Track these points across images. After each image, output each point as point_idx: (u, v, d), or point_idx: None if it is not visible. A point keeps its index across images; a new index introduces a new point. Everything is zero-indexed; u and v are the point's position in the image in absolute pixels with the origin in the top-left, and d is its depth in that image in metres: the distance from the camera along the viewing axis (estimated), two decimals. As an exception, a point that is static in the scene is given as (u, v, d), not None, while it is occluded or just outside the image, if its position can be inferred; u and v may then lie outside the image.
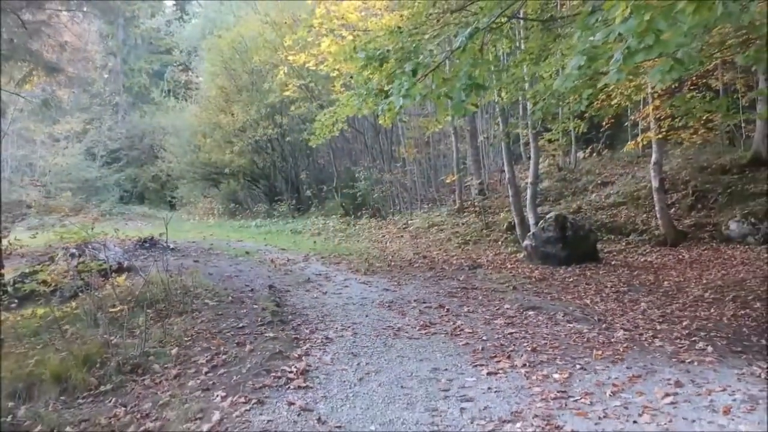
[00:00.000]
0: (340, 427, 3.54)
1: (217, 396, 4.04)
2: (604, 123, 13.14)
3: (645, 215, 11.70)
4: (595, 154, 16.66)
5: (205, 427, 3.52)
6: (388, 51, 5.09)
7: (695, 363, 4.59)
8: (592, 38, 3.04)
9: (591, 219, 11.93)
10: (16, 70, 8.63)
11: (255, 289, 7.51)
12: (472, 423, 3.62)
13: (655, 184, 10.86)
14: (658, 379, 4.23)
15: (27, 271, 7.50)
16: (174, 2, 39.01)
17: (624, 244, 11.10)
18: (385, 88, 5.40)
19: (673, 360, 4.69)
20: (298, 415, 3.68)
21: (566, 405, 3.81)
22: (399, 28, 5.68)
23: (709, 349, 5.00)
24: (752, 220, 10.62)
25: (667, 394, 3.87)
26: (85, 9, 8.75)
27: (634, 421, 3.52)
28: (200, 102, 20.80)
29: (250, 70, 17.69)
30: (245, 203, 21.22)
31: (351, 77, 9.28)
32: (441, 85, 4.29)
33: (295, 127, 18.08)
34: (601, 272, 8.93)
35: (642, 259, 9.99)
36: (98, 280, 6.72)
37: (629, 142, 12.18)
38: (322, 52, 10.58)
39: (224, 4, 23.60)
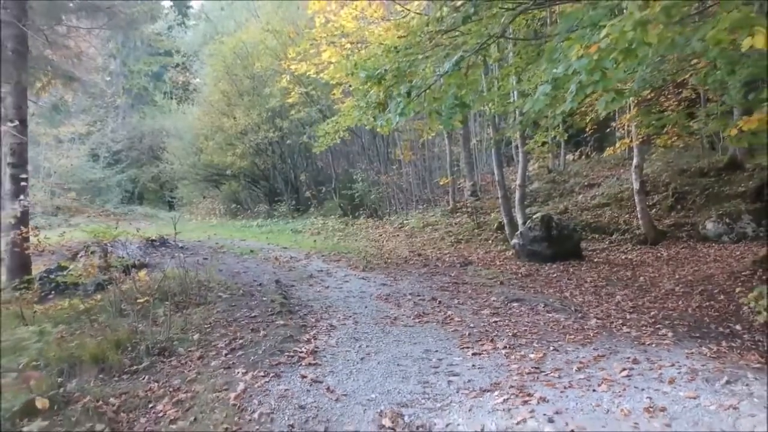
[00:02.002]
0: (345, 395, 4.19)
1: (239, 372, 4.68)
2: (587, 129, 13.80)
3: (627, 215, 12.37)
4: (583, 157, 17.36)
5: (232, 394, 4.16)
6: (385, 70, 5.73)
7: (654, 345, 5.26)
8: (555, 70, 3.70)
9: (577, 219, 12.61)
10: (37, 80, 9.23)
11: (263, 284, 8.15)
12: (457, 393, 4.27)
13: (636, 186, 11.54)
14: (619, 357, 4.89)
15: (52, 267, 8.12)
16: (171, 3, 39.54)
17: (607, 242, 11.77)
18: (383, 102, 6.07)
19: (635, 343, 5.36)
20: (310, 385, 4.33)
21: (538, 378, 4.47)
22: (395, 47, 6.33)
23: (670, 334, 5.68)
24: (727, 220, 11.30)
25: (624, 369, 4.54)
26: (105, 26, 9.32)
27: (593, 390, 4.18)
28: (202, 105, 21.40)
29: (252, 75, 18.31)
30: (246, 204, 21.83)
31: (350, 86, 9.91)
32: (432, 103, 4.95)
33: (294, 130, 18.71)
34: (583, 269, 9.60)
35: (623, 257, 10.66)
36: (120, 275, 7.35)
37: (609, 148, 12.85)
38: (323, 62, 11.22)
39: (225, 9, 24.19)
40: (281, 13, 17.56)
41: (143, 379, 4.95)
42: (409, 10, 11.36)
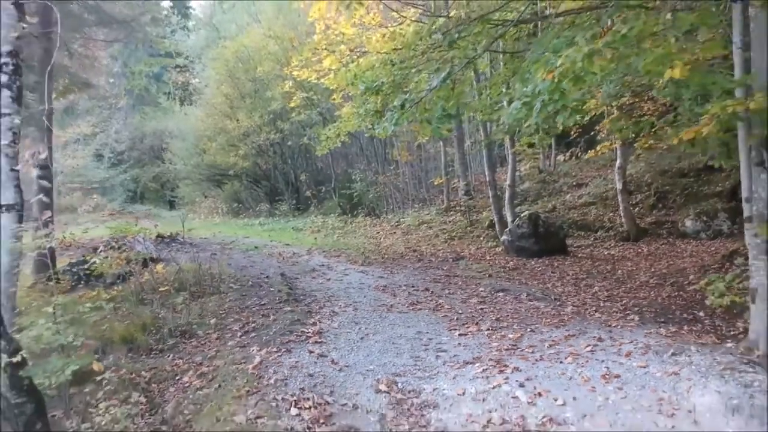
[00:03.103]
0: (348, 366, 4.87)
1: (253, 349, 5.35)
2: (572, 132, 14.48)
3: (612, 214, 13.07)
4: (573, 158, 18.04)
5: (250, 366, 4.83)
6: (382, 83, 6.41)
7: (619, 327, 5.94)
8: (525, 89, 4.38)
9: (564, 217, 13.30)
10: (55, 87, 9.87)
11: (269, 276, 8.82)
12: (444, 365, 4.96)
13: (619, 186, 12.23)
14: (586, 337, 5.58)
15: (73, 261, 8.77)
16: (171, 3, 40.09)
17: (592, 239, 12.46)
18: (380, 110, 6.75)
19: (603, 325, 6.05)
20: (317, 358, 5.02)
21: (514, 353, 5.16)
22: (392, 61, 7.00)
23: (636, 319, 6.36)
24: (704, 218, 11.99)
25: (589, 346, 5.23)
26: (123, 39, 9.97)
27: (561, 362, 4.87)
28: (205, 107, 22.07)
29: (253, 78, 18.98)
30: (247, 203, 22.51)
31: (349, 92, 10.58)
32: (423, 113, 5.63)
33: (295, 131, 19.38)
34: (566, 263, 10.29)
35: (605, 252, 11.35)
36: (139, 268, 8.01)
37: (590, 151, 13.54)
38: (323, 68, 11.89)
39: (227, 13, 24.83)
40: (282, 18, 18.23)
41: (168, 357, 5.63)
42: (404, 17, 12.06)
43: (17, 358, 3.15)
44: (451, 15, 10.40)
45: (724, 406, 3.91)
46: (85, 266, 8.21)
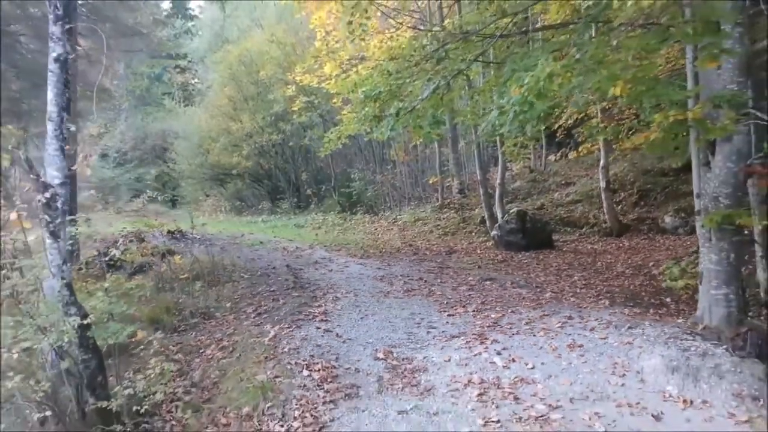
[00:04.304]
0: (350, 339, 5.64)
1: (267, 327, 6.11)
2: (557, 134, 15.27)
3: (596, 211, 13.85)
4: (564, 158, 18.82)
5: (266, 339, 5.60)
6: (380, 91, 7.15)
7: (589, 309, 6.72)
8: (501, 101, 5.14)
9: (551, 214, 14.08)
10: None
11: (276, 268, 9.58)
12: (433, 339, 5.73)
13: (602, 184, 13.00)
14: (559, 316, 6.34)
15: (95, 253, 9.51)
16: (171, 4, 40.78)
17: (577, 234, 13.24)
18: (378, 115, 7.50)
19: (576, 307, 6.82)
20: (324, 333, 5.78)
21: (494, 329, 5.93)
22: (389, 72, 7.75)
23: (607, 302, 7.13)
24: (682, 214, 12.76)
25: (560, 323, 6.00)
26: (141, 50, 10.70)
27: (534, 335, 5.64)
28: (209, 109, 22.83)
29: (256, 81, 19.75)
30: (249, 201, 23.28)
31: (349, 97, 11.31)
32: (416, 120, 6.39)
33: (296, 132, 20.15)
34: (551, 256, 11.06)
35: (589, 247, 12.12)
36: (157, 259, 8.76)
37: (573, 151, 14.33)
38: (324, 74, 12.68)
39: (230, 17, 25.52)
40: (284, 24, 19.01)
41: (191, 334, 6.40)
42: (401, 24, 12.84)
43: (87, 320, 3.90)
44: (444, 25, 11.20)
45: (666, 367, 4.68)
46: (107, 258, 8.97)
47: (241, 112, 20.44)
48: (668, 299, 7.60)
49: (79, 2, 8.16)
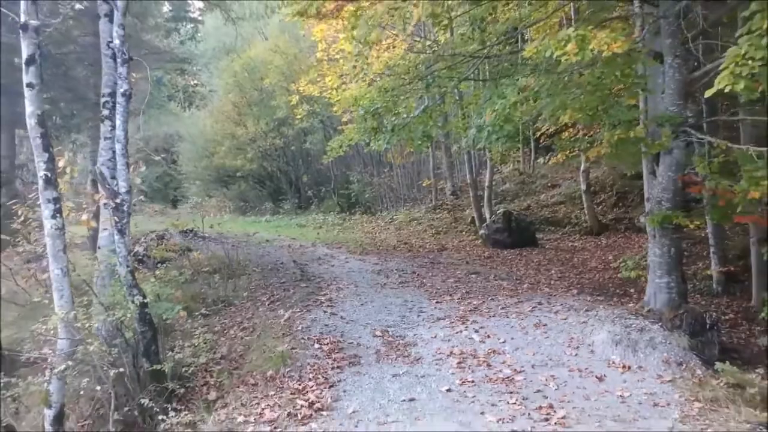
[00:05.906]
0: (352, 320, 6.70)
1: (281, 311, 7.14)
2: (540, 140, 16.36)
3: (578, 211, 14.90)
4: (551, 162, 19.87)
5: (281, 320, 6.63)
6: (378, 107, 8.20)
7: (558, 296, 7.78)
8: (478, 121, 6.19)
9: (537, 214, 15.14)
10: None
11: (283, 263, 10.61)
12: (423, 320, 6.78)
13: (583, 187, 14.07)
14: (531, 302, 7.40)
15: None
16: (170, 6, 41.69)
17: (560, 233, 14.29)
18: (376, 128, 8.54)
19: (547, 296, 7.87)
20: (330, 315, 6.84)
21: (475, 312, 6.99)
22: (385, 89, 8.79)
23: (575, 292, 8.19)
24: (657, 215, 13.84)
25: (531, 307, 7.06)
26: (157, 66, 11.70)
27: (507, 317, 6.70)
28: (214, 113, 23.86)
29: (260, 88, 20.78)
30: (252, 202, 24.30)
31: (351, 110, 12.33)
32: (408, 134, 7.44)
33: (297, 137, 21.20)
34: (534, 253, 12.10)
35: (570, 245, 13.18)
36: (179, 254, 9.79)
37: (554, 157, 15.41)
38: (326, 85, 13.73)
39: (234, 23, 26.46)
40: (287, 34, 20.04)
41: (215, 318, 7.42)
42: (397, 35, 13.87)
43: (146, 300, 4.92)
44: (437, 39, 12.21)
45: (611, 341, 5.73)
46: (131, 254, 9.98)
47: (246, 117, 21.47)
48: (632, 290, 8.62)
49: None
